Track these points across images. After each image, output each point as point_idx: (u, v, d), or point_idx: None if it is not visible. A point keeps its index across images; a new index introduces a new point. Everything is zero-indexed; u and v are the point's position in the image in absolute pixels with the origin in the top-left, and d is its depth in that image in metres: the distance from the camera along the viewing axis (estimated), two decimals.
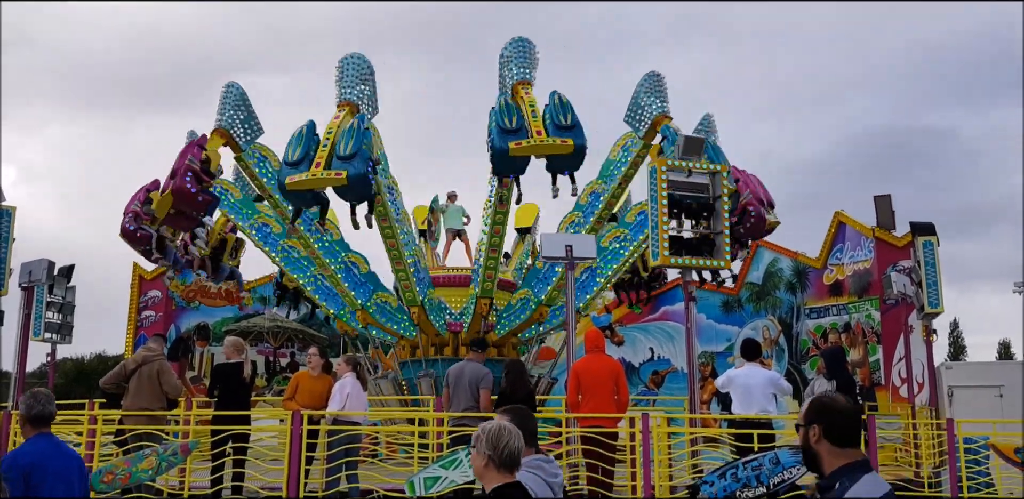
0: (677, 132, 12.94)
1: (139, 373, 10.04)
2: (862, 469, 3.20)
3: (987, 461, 10.54)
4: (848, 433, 3.28)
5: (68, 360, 43.68)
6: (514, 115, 12.55)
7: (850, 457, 3.23)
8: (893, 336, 18.25)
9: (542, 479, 3.99)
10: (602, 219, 15.42)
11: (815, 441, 3.30)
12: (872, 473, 3.21)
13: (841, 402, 3.36)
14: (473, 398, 10.06)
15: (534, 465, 4.02)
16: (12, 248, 13.83)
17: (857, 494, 3.08)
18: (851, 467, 3.20)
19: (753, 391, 9.48)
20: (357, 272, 15.79)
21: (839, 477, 3.20)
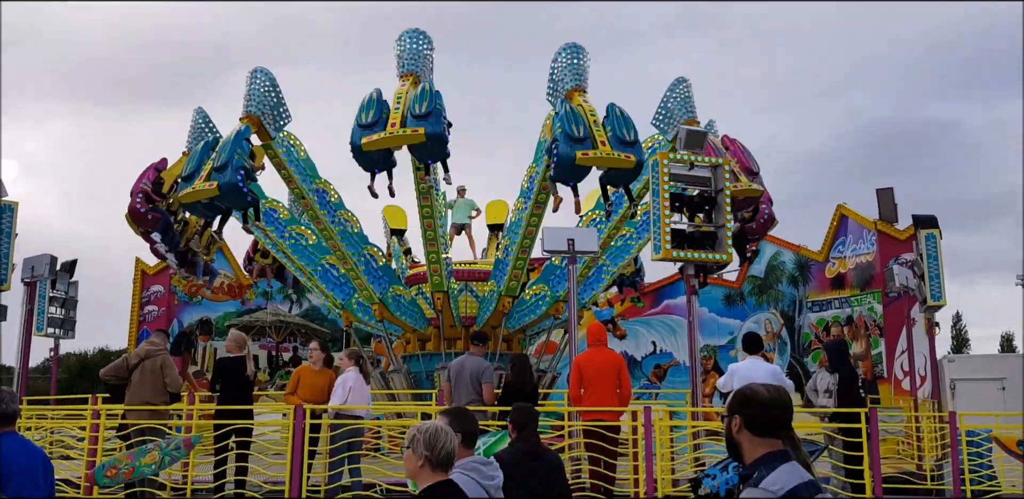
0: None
1: (142, 367, 10.02)
2: (781, 459, 3.28)
3: (989, 454, 10.55)
4: (768, 424, 3.35)
5: (71, 355, 43.71)
6: (581, 124, 12.52)
7: (770, 447, 3.32)
8: (895, 329, 18.25)
9: (476, 481, 4.01)
10: (625, 217, 15.40)
11: (736, 431, 3.40)
12: (791, 463, 3.27)
13: (763, 394, 3.44)
14: (475, 392, 10.05)
15: (469, 467, 4.05)
16: (15, 243, 13.85)
17: (773, 483, 3.15)
18: (770, 456, 3.28)
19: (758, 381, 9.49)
20: (375, 266, 15.82)
21: (758, 466, 3.27)
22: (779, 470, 3.22)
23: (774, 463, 3.26)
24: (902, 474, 11.90)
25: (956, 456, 9.90)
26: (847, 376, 9.70)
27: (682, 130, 11.75)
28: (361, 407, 10.07)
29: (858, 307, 19.71)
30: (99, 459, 9.68)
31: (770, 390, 3.50)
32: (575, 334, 11.80)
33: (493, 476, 4.09)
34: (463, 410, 4.43)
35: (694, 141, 11.66)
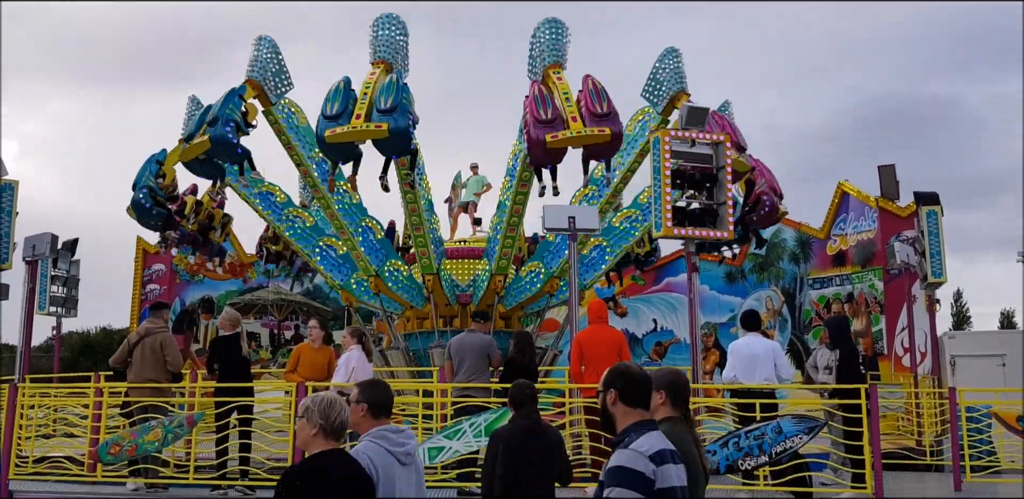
0: None
1: (142, 345, 10.02)
2: (648, 426, 3.62)
3: (989, 429, 10.59)
4: (637, 396, 3.69)
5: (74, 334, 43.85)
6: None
7: (640, 416, 3.67)
8: (896, 306, 18.28)
9: (384, 449, 4.11)
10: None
11: (611, 403, 3.72)
12: (657, 431, 3.60)
13: (635, 369, 3.80)
14: (479, 368, 10.08)
15: (378, 435, 4.16)
16: (15, 222, 13.83)
17: (641, 446, 3.47)
18: (639, 424, 3.62)
19: (756, 360, 9.50)
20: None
21: (628, 432, 3.60)
22: (647, 435, 3.54)
23: (642, 429, 3.58)
24: (902, 450, 11.97)
25: (956, 432, 9.93)
26: (848, 353, 9.70)
27: (684, 107, 11.66)
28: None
29: (859, 284, 19.72)
30: (102, 437, 9.74)
31: (641, 367, 3.86)
32: (576, 312, 11.81)
33: (403, 443, 4.18)
34: (376, 381, 4.53)
35: (695, 118, 11.58)
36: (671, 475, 3.44)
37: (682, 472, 3.53)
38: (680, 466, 3.53)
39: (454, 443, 8.74)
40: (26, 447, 10.41)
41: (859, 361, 9.82)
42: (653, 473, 3.40)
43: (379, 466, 4.02)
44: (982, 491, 9.74)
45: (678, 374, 4.20)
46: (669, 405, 4.04)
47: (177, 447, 10.01)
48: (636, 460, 3.42)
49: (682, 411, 4.05)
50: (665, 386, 4.07)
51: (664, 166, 11.26)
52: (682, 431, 3.94)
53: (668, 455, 3.48)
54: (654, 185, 11.44)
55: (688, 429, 4.00)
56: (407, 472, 4.16)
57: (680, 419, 4.03)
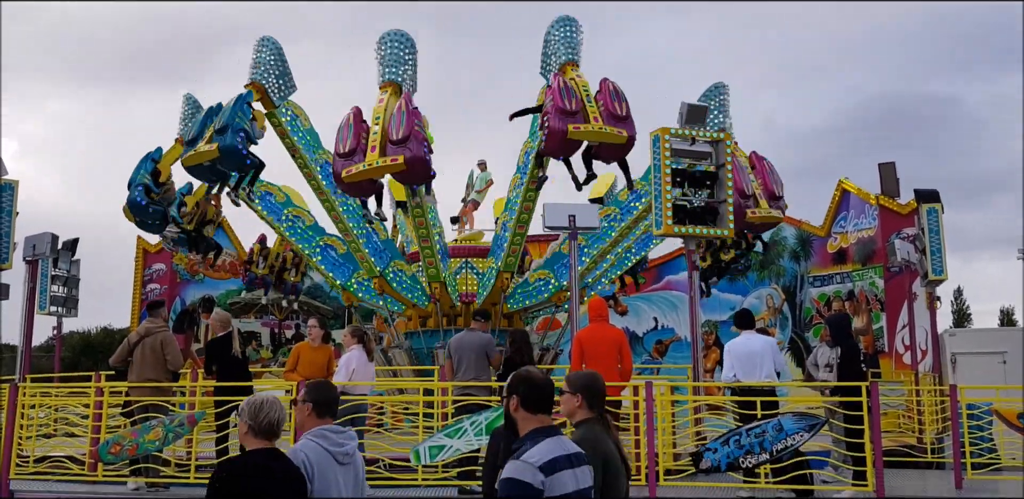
0: None
1: (143, 345, 10.02)
2: (547, 433, 3.68)
3: (990, 427, 10.58)
4: (539, 402, 3.76)
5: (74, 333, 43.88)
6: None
7: (540, 422, 3.73)
8: (897, 303, 18.27)
9: (323, 447, 4.22)
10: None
11: (514, 409, 3.80)
12: (557, 437, 3.67)
13: (537, 375, 3.86)
14: (479, 367, 10.07)
15: (317, 434, 4.28)
16: (16, 222, 13.83)
17: (532, 456, 3.53)
18: (537, 431, 3.69)
19: (755, 357, 9.48)
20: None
21: (525, 440, 3.67)
22: (542, 443, 3.60)
23: (539, 437, 3.65)
24: (903, 447, 11.95)
25: (957, 429, 9.92)
26: (849, 350, 9.69)
27: (683, 104, 11.65)
28: (364, 383, 10.09)
29: (859, 282, 19.71)
30: (103, 436, 9.73)
31: (545, 373, 3.93)
32: (576, 310, 11.81)
33: (342, 443, 4.30)
34: (322, 382, 4.65)
35: (695, 116, 11.58)
36: (565, 482, 3.52)
37: (584, 474, 3.64)
38: (581, 469, 3.63)
39: (455, 442, 8.74)
40: (27, 447, 10.40)
41: (860, 359, 9.80)
42: (542, 483, 3.47)
43: (315, 464, 4.13)
44: (983, 488, 9.73)
45: (594, 377, 4.32)
46: (586, 407, 4.15)
47: (178, 446, 10.00)
48: (524, 471, 3.49)
49: (598, 412, 4.17)
50: (581, 389, 4.19)
51: (664, 164, 11.26)
52: (599, 432, 4.07)
53: (563, 461, 3.55)
54: (654, 183, 11.43)
55: (605, 429, 4.11)
56: (345, 471, 4.26)
57: (597, 420, 4.14)
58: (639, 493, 9.00)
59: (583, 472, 3.65)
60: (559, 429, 3.75)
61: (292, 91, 14.26)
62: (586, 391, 4.18)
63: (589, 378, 4.31)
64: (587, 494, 3.63)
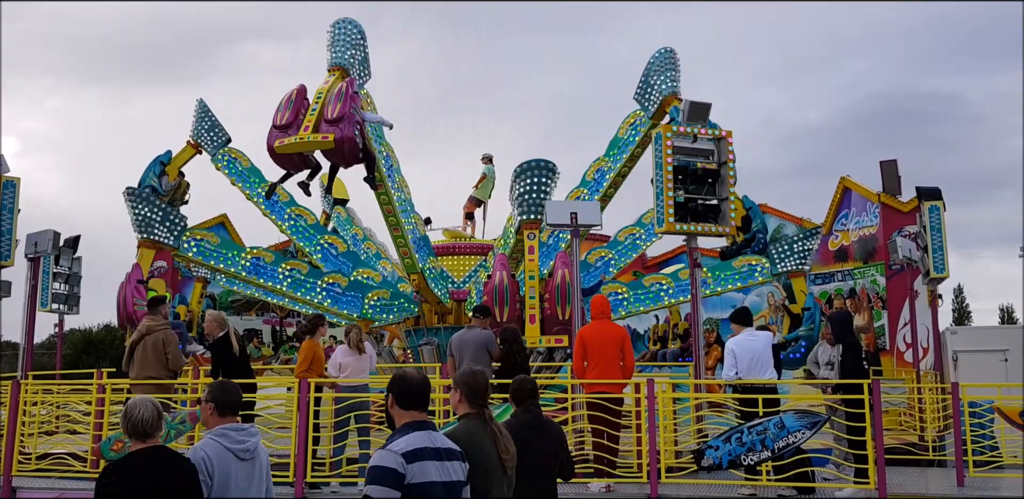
0: None
1: (144, 343, 9.99)
2: (416, 427, 3.98)
3: (991, 425, 10.57)
4: (411, 399, 4.05)
5: (76, 331, 43.88)
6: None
7: (412, 418, 4.03)
8: (898, 301, 18.24)
9: (223, 445, 4.43)
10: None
11: (390, 406, 4.10)
12: (426, 432, 3.96)
13: (411, 375, 4.14)
14: (484, 363, 10.05)
15: (218, 433, 4.49)
16: (17, 219, 13.85)
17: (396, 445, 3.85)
18: (407, 425, 3.99)
19: (758, 356, 9.47)
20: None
21: (396, 433, 3.98)
22: (409, 435, 3.91)
23: (408, 430, 3.96)
24: (904, 445, 11.95)
25: (958, 427, 9.92)
26: (851, 347, 9.68)
27: (685, 102, 11.65)
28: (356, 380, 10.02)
29: (861, 279, 19.68)
30: (105, 433, 9.73)
31: (420, 373, 4.22)
32: (578, 308, 11.82)
33: (243, 440, 4.49)
34: (224, 382, 4.83)
35: (698, 114, 11.57)
36: (428, 471, 3.79)
37: (453, 468, 3.91)
38: (451, 463, 3.91)
39: None
40: (29, 444, 10.41)
41: (863, 355, 9.80)
42: (403, 467, 3.76)
43: (215, 461, 4.35)
44: (985, 486, 9.73)
45: (474, 374, 4.58)
46: (466, 402, 4.45)
47: (180, 444, 10.00)
48: (387, 458, 3.80)
49: (479, 407, 4.44)
50: (462, 385, 4.50)
51: (666, 162, 11.26)
52: (477, 426, 4.36)
53: (428, 453, 3.85)
54: (656, 181, 11.42)
55: (483, 424, 4.37)
56: (247, 467, 4.48)
57: (476, 415, 4.43)
58: (641, 490, 9.02)
59: (453, 466, 3.91)
60: (431, 424, 4.04)
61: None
62: (465, 387, 4.47)
63: (469, 375, 4.57)
64: (454, 487, 3.87)
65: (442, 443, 3.95)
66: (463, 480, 3.95)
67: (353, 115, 12.65)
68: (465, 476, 3.99)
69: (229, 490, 4.34)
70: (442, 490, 3.81)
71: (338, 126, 12.43)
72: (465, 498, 3.99)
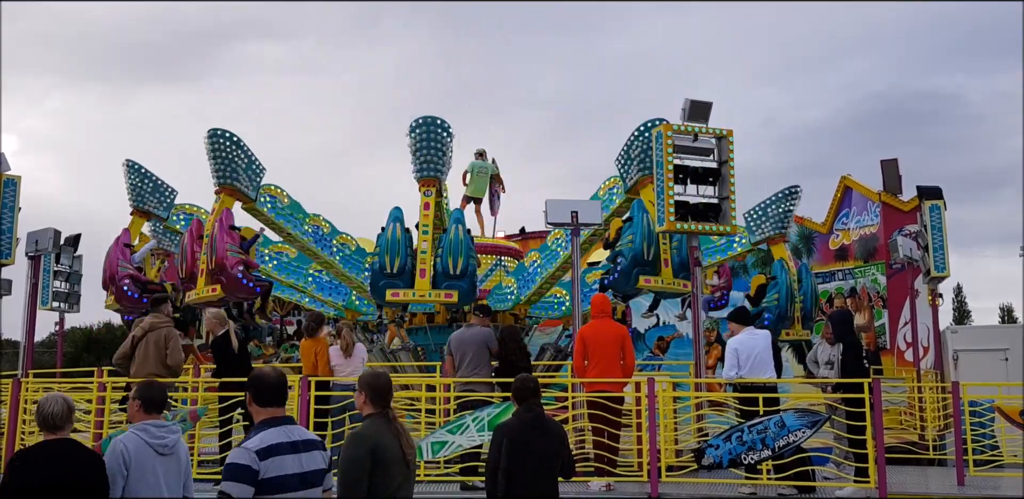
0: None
1: (146, 341, 9.94)
2: (272, 423, 4.26)
3: (992, 424, 10.58)
4: (267, 397, 4.33)
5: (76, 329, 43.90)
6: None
7: (268, 414, 4.31)
8: (899, 300, 18.26)
9: (143, 440, 4.73)
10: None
11: (249, 404, 4.38)
12: (282, 427, 4.24)
13: (267, 374, 4.43)
14: (484, 362, 10.05)
15: (140, 428, 4.79)
16: (18, 217, 13.85)
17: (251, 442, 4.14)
18: (264, 422, 4.27)
19: (759, 356, 9.47)
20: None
21: (253, 430, 4.28)
22: (264, 432, 4.18)
23: (264, 427, 4.23)
24: (905, 444, 11.95)
25: (959, 426, 9.93)
26: (851, 345, 9.68)
27: (685, 101, 11.62)
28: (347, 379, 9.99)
29: (861, 278, 19.69)
30: (106, 431, 9.74)
31: (277, 371, 4.50)
32: (579, 307, 11.82)
33: (163, 436, 4.78)
34: (150, 381, 5.16)
35: (698, 112, 11.56)
36: (285, 465, 4.09)
37: (311, 459, 4.22)
38: (309, 454, 4.22)
39: (457, 437, 8.74)
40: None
41: (863, 354, 9.80)
42: (257, 464, 4.03)
43: (132, 453, 4.64)
44: (985, 485, 9.73)
45: (378, 375, 4.84)
46: (371, 403, 4.70)
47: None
48: (241, 456, 4.07)
49: (383, 407, 4.71)
50: (365, 386, 4.74)
51: (667, 161, 11.25)
52: (380, 425, 4.61)
53: (284, 447, 4.14)
54: (656, 179, 11.42)
55: (387, 422, 4.64)
56: (167, 461, 4.76)
57: (380, 414, 4.68)
58: (641, 489, 9.02)
59: (311, 457, 4.23)
60: (288, 419, 4.32)
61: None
62: (369, 389, 4.73)
63: (372, 377, 4.83)
64: (311, 476, 4.19)
65: (299, 436, 4.24)
66: (324, 468, 4.29)
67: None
68: (327, 464, 4.33)
69: (146, 481, 4.63)
70: (298, 482, 4.11)
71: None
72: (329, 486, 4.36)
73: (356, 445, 4.47)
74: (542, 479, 5.99)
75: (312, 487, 4.20)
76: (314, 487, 4.21)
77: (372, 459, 4.41)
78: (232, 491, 4.02)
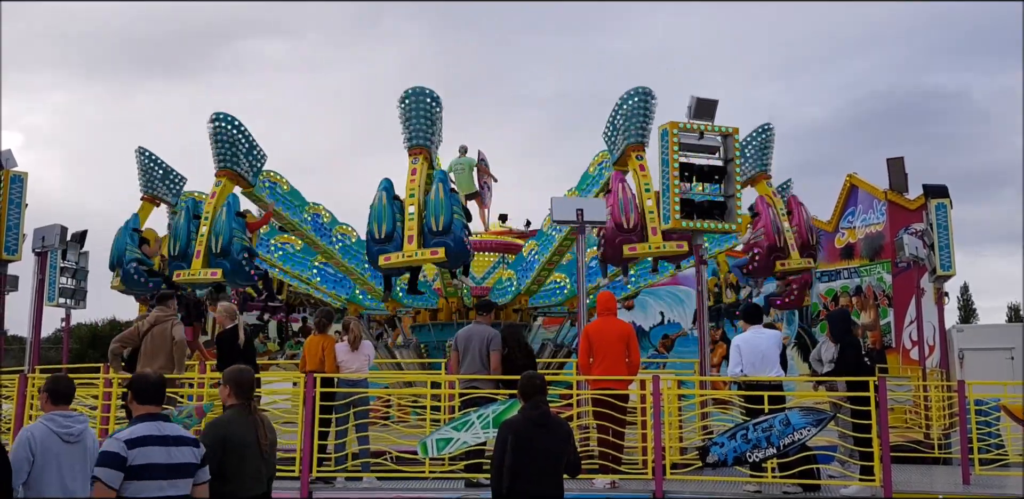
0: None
1: (151, 335, 9.93)
2: (146, 419, 4.71)
3: (997, 423, 10.56)
4: (146, 396, 4.80)
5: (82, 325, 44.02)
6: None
7: (145, 411, 4.77)
8: (905, 299, 18.21)
9: (49, 428, 5.12)
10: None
11: (129, 401, 4.86)
12: (154, 422, 4.69)
13: (146, 375, 4.94)
14: (483, 361, 10.00)
15: (48, 418, 5.19)
16: (25, 214, 13.85)
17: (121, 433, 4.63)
18: (139, 417, 4.74)
19: (763, 354, 9.46)
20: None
21: (131, 423, 4.72)
22: (136, 425, 4.66)
23: (138, 421, 4.70)
24: (910, 443, 11.94)
25: (964, 425, 9.91)
26: (850, 345, 9.65)
27: (692, 98, 11.60)
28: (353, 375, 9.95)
29: (867, 277, 19.65)
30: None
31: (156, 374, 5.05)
32: (584, 305, 11.82)
33: (69, 426, 5.17)
34: (57, 376, 5.48)
35: (704, 110, 11.54)
36: (151, 454, 4.55)
37: (180, 453, 4.65)
38: (178, 448, 4.65)
39: (462, 434, 8.75)
40: None
41: (862, 353, 9.77)
42: (125, 452, 4.52)
43: (39, 441, 5.05)
44: (990, 484, 9.72)
45: (241, 370, 5.39)
46: (233, 395, 5.28)
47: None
48: (111, 445, 4.56)
49: (244, 400, 5.28)
50: (229, 381, 5.30)
51: (672, 158, 11.24)
52: (240, 415, 5.20)
53: (153, 439, 4.60)
54: (662, 177, 11.41)
55: (247, 413, 5.22)
56: (73, 449, 5.15)
57: (240, 405, 5.25)
58: (646, 487, 9.03)
59: (181, 451, 4.66)
60: (162, 416, 4.79)
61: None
62: (233, 383, 5.29)
63: (236, 371, 5.36)
64: (179, 468, 4.63)
65: (171, 432, 4.72)
66: (194, 462, 4.71)
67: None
68: (199, 459, 4.74)
69: (51, 466, 5.06)
70: (165, 471, 4.57)
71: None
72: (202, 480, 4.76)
73: (207, 433, 5.12)
74: (547, 476, 6.00)
75: (180, 478, 4.65)
76: (182, 478, 4.66)
77: (224, 446, 5.02)
78: (102, 475, 4.50)
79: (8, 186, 13.66)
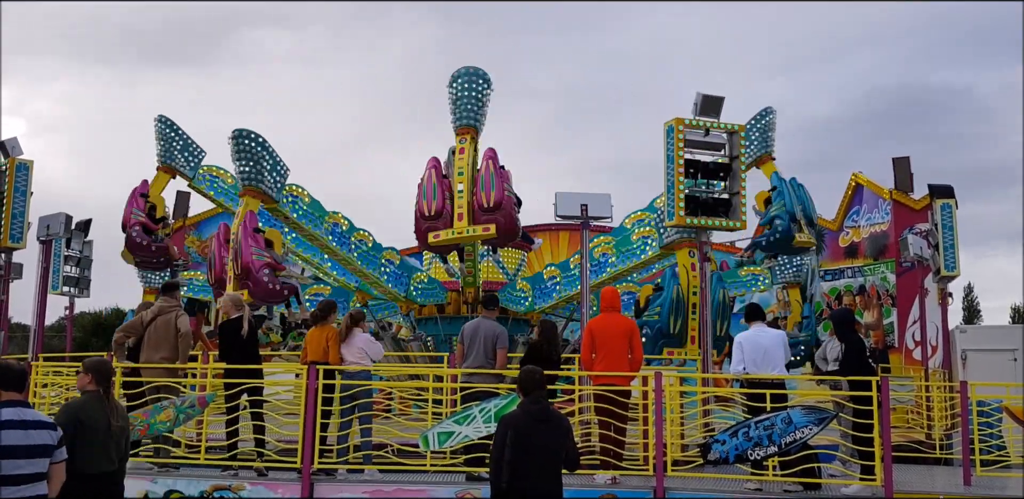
0: None
1: (155, 325, 9.92)
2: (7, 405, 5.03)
3: (999, 424, 10.55)
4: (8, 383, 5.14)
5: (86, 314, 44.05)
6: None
7: (9, 397, 5.09)
8: (908, 299, 18.20)
9: None
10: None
11: None
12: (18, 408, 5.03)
13: (11, 364, 5.30)
14: (487, 356, 9.97)
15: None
16: (30, 202, 13.88)
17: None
18: (3, 403, 5.04)
19: (769, 351, 9.45)
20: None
21: None
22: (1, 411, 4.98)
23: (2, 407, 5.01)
24: (911, 443, 11.94)
25: (966, 426, 9.91)
26: (852, 344, 9.65)
27: (697, 95, 11.58)
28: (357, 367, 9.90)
29: (871, 276, 19.63)
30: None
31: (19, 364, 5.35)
32: (587, 301, 11.80)
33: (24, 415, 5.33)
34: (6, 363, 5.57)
35: (710, 107, 11.51)
36: (12, 437, 4.91)
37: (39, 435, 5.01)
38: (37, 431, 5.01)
39: (463, 428, 8.76)
40: None
41: (865, 353, 9.77)
42: None
43: None
44: (991, 485, 9.72)
45: (103, 361, 5.92)
46: (93, 383, 5.76)
47: (188, 428, 10.04)
48: None
49: (103, 387, 5.78)
50: (90, 369, 5.79)
51: (677, 155, 11.23)
52: (94, 400, 5.69)
53: (13, 423, 4.95)
54: (667, 174, 11.38)
55: (100, 399, 5.72)
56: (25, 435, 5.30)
57: (95, 392, 5.74)
58: (646, 483, 9.03)
59: (40, 434, 5.03)
60: (23, 403, 5.16)
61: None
62: (95, 372, 5.76)
63: (100, 363, 5.85)
64: (37, 449, 4.98)
65: (31, 417, 5.08)
66: (52, 444, 5.07)
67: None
68: (56, 441, 5.11)
69: None
70: (24, 451, 4.93)
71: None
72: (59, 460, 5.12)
73: (62, 413, 5.61)
74: (546, 471, 6.00)
75: (39, 457, 5.03)
76: (40, 457, 5.03)
77: (76, 428, 5.47)
78: None
79: (14, 174, 13.70)
